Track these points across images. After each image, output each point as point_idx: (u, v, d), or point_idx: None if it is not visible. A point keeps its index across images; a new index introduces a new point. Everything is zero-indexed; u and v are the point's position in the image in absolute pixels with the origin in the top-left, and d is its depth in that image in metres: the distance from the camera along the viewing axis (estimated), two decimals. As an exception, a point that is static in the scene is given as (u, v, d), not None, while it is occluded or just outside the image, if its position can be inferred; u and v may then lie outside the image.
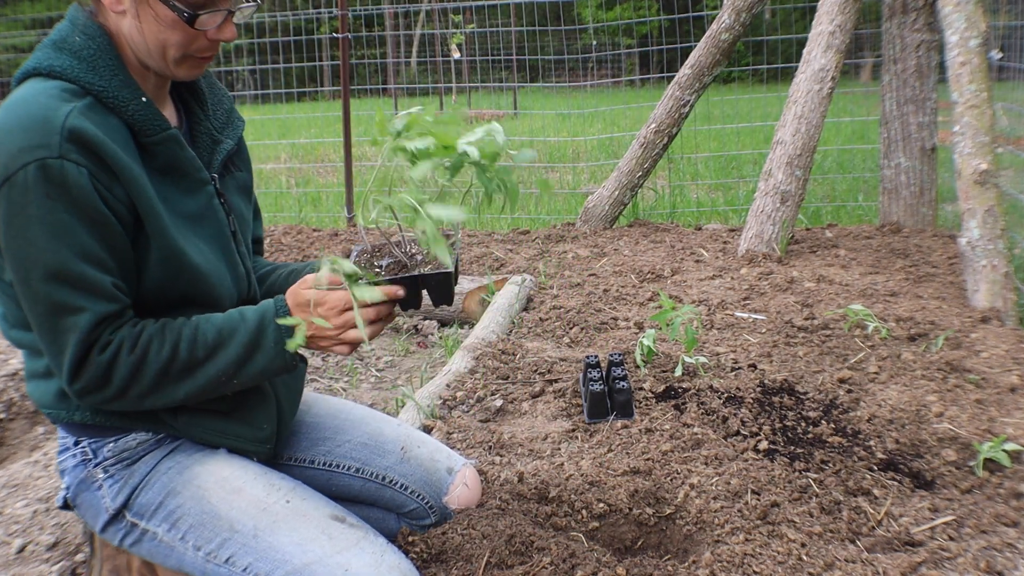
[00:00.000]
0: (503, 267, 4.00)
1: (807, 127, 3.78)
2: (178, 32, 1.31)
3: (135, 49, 1.32)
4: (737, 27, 4.35)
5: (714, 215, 5.35)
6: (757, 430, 1.96)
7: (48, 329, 1.22)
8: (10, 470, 2.08)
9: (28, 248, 1.18)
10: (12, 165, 1.16)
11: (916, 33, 4.01)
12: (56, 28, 1.34)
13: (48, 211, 1.18)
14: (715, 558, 1.44)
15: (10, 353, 2.94)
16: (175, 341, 1.27)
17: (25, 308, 1.23)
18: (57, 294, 1.20)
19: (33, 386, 1.37)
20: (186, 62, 1.35)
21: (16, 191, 1.17)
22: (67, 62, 1.27)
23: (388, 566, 1.28)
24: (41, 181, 1.17)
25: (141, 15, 1.30)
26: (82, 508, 1.38)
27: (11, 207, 1.17)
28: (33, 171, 1.16)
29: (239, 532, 1.30)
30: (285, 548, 1.28)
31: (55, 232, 1.18)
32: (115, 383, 1.24)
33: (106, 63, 1.30)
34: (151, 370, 1.25)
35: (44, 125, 1.18)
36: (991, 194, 3.00)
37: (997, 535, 1.51)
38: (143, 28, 1.30)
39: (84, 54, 1.29)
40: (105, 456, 1.36)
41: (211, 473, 1.35)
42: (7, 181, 1.17)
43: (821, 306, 2.91)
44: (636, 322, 2.92)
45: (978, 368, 2.24)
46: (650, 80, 7.18)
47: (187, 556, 1.32)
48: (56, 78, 1.26)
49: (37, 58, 1.29)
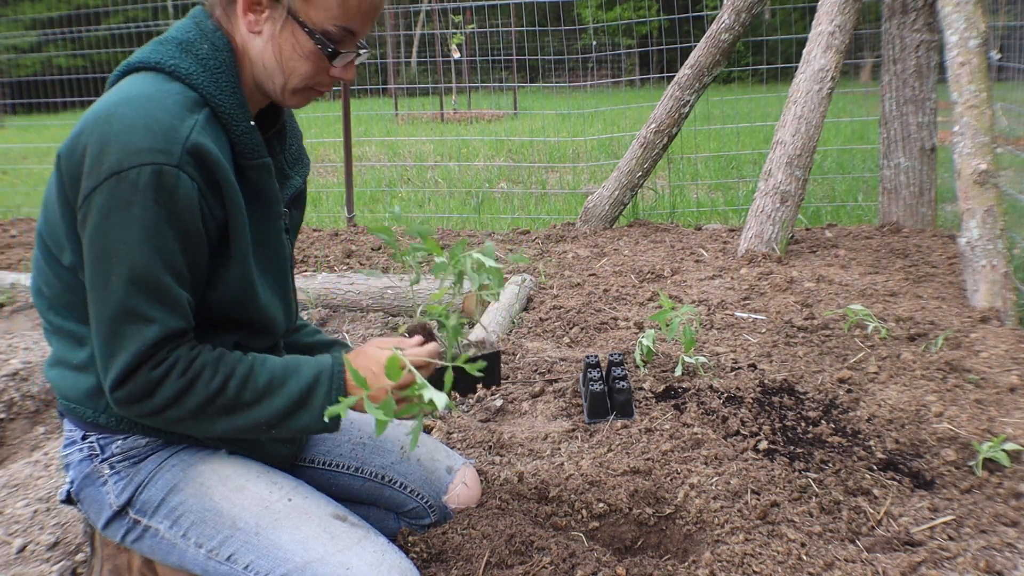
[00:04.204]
0: (503, 267, 4.00)
1: (807, 127, 3.78)
2: (311, 64, 1.32)
3: (257, 70, 1.33)
4: (737, 27, 4.35)
5: (714, 215, 5.35)
6: (757, 430, 1.96)
7: (109, 330, 1.20)
8: (10, 470, 2.08)
9: (119, 245, 1.17)
10: (127, 162, 1.15)
11: (916, 33, 4.01)
12: (178, 27, 1.32)
13: (151, 216, 1.17)
14: (715, 558, 1.45)
15: (10, 353, 2.94)
16: (227, 376, 1.26)
17: (91, 300, 1.21)
18: (133, 299, 1.19)
19: (59, 375, 1.35)
20: (302, 93, 1.36)
21: (124, 187, 1.15)
22: (192, 68, 1.27)
23: (389, 565, 1.28)
24: (153, 186, 1.16)
25: (279, 40, 1.30)
26: (85, 503, 1.38)
27: (114, 201, 1.16)
28: (148, 173, 1.16)
29: (241, 529, 1.30)
30: (287, 546, 1.28)
31: (151, 238, 1.18)
32: (156, 400, 1.23)
33: (228, 78, 1.30)
34: (195, 399, 1.24)
35: (168, 132, 1.18)
36: (991, 194, 3.00)
37: (997, 535, 1.51)
38: (276, 52, 1.30)
39: (210, 64, 1.28)
40: (113, 452, 1.35)
41: (214, 471, 1.35)
42: (118, 175, 1.15)
43: (821, 306, 2.91)
44: (636, 322, 2.92)
45: (978, 368, 2.25)
46: (650, 80, 7.18)
47: (188, 553, 1.32)
48: (179, 80, 1.26)
49: (161, 53, 1.28)
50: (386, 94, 12.34)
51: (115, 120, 1.17)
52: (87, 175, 1.17)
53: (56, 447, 2.24)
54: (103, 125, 1.18)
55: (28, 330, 3.53)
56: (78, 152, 1.19)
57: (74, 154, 1.19)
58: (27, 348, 3.02)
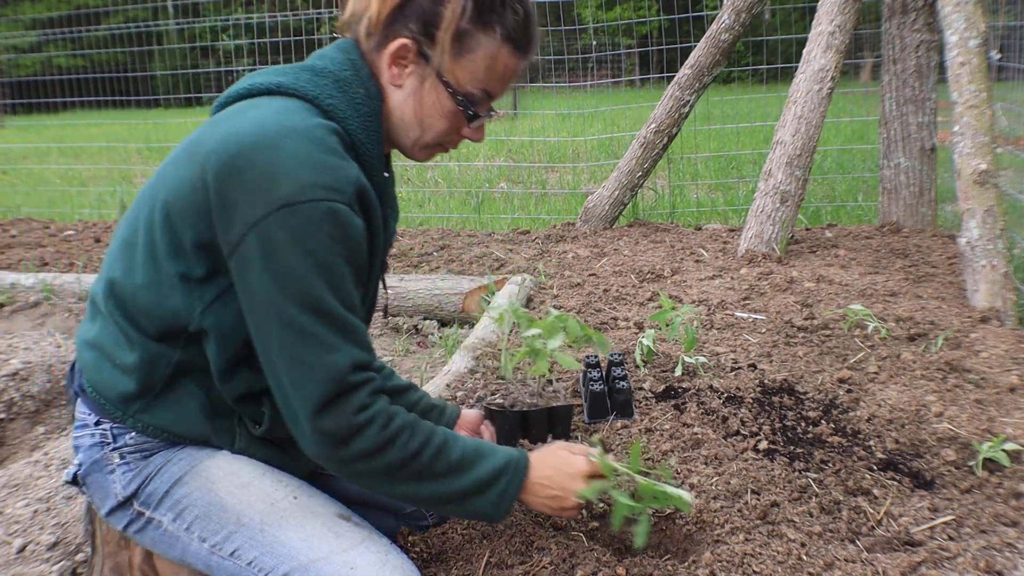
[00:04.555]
0: (503, 267, 4.00)
1: (807, 127, 3.78)
2: (448, 122, 1.34)
3: (394, 121, 1.35)
4: (737, 27, 4.35)
5: (714, 215, 5.35)
6: (757, 430, 1.96)
7: (293, 357, 1.19)
8: (10, 470, 2.08)
9: (294, 276, 1.17)
10: (301, 195, 1.15)
11: (916, 33, 4.01)
12: (333, 60, 1.32)
13: (327, 251, 1.18)
14: (715, 558, 1.45)
15: (10, 353, 2.94)
16: (423, 442, 1.26)
17: (266, 331, 1.20)
18: (314, 326, 1.18)
19: (97, 363, 1.33)
20: (431, 148, 1.39)
21: (299, 220, 1.16)
22: (348, 112, 1.29)
23: (392, 566, 1.28)
24: (329, 222, 1.17)
25: (421, 96, 1.32)
26: (91, 488, 1.37)
27: (287, 232, 1.16)
28: (324, 209, 1.16)
29: (246, 525, 1.30)
30: (292, 544, 1.28)
31: (327, 271, 1.18)
32: (352, 449, 1.22)
33: (376, 128, 1.32)
34: (390, 458, 1.24)
35: (339, 173, 1.19)
36: (991, 194, 3.00)
37: (997, 535, 1.51)
38: (416, 108, 1.33)
39: (363, 111, 1.30)
40: (126, 443, 1.34)
41: (220, 466, 1.35)
42: (290, 207, 1.15)
43: (821, 306, 2.91)
44: (636, 322, 2.92)
45: (978, 368, 2.25)
46: (650, 80, 7.17)
47: (191, 547, 1.32)
48: (332, 119, 1.27)
49: (318, 87, 1.28)
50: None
51: (282, 151, 1.17)
52: (250, 200, 1.16)
53: (56, 447, 2.24)
54: (269, 153, 1.17)
55: (28, 330, 3.53)
56: (235, 173, 1.17)
57: (231, 174, 1.17)
58: (27, 348, 3.02)
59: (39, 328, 3.62)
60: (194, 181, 1.21)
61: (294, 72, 1.31)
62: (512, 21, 1.30)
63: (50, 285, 3.89)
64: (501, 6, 1.29)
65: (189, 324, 1.28)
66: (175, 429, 1.34)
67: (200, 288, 1.26)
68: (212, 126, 1.28)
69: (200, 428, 1.35)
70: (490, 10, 1.28)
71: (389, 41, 1.30)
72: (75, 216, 6.32)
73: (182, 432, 1.35)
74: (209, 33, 10.89)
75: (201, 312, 1.27)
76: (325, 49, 1.36)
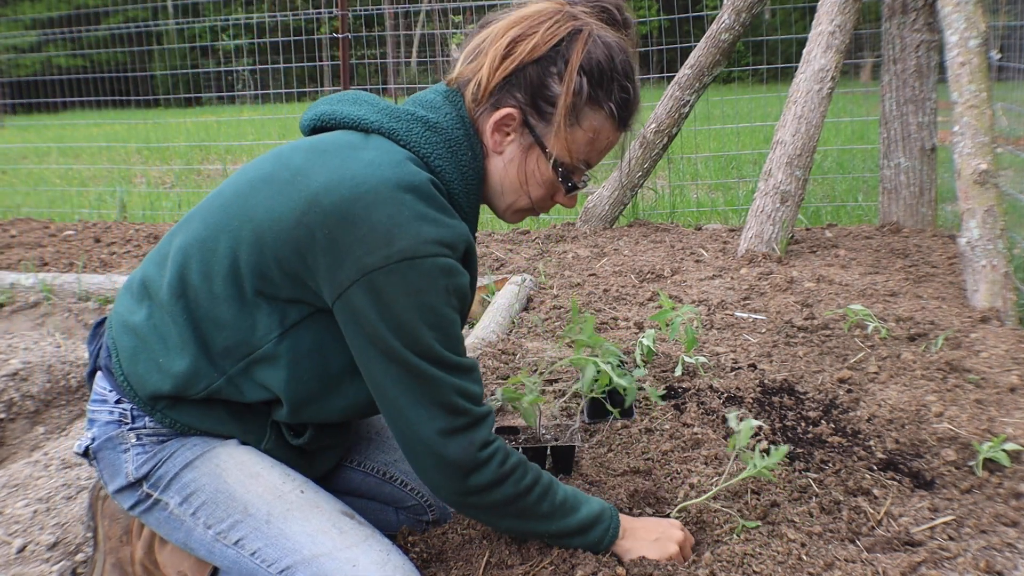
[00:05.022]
0: (503, 267, 4.00)
1: (807, 127, 3.78)
2: (544, 190, 1.37)
3: (491, 184, 1.37)
4: (737, 27, 4.35)
5: (714, 215, 5.35)
6: (757, 430, 1.96)
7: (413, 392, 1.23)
8: (10, 470, 2.08)
9: (410, 328, 1.19)
10: (422, 250, 1.18)
11: (916, 33, 4.01)
12: (446, 115, 1.32)
13: (442, 303, 1.21)
14: (715, 558, 1.44)
15: (10, 353, 2.95)
16: (534, 481, 1.31)
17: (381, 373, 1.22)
18: (431, 370, 1.22)
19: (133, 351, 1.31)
20: (523, 212, 1.42)
21: (418, 273, 1.18)
22: (453, 175, 1.31)
23: (394, 566, 1.28)
24: (444, 276, 1.20)
25: (522, 163, 1.35)
26: (102, 463, 1.36)
27: (407, 285, 1.18)
28: (441, 264, 1.20)
29: (252, 516, 1.30)
30: (296, 537, 1.28)
31: (440, 322, 1.22)
32: (472, 481, 1.26)
33: (476, 192, 1.35)
34: (504, 493, 1.28)
35: (456, 231, 1.23)
36: (991, 194, 3.00)
37: (997, 535, 1.51)
38: (516, 174, 1.35)
39: (467, 173, 1.32)
40: (145, 424, 1.34)
41: (231, 455, 1.35)
42: (411, 260, 1.18)
43: (821, 306, 2.91)
44: (636, 322, 2.92)
45: (978, 368, 2.24)
46: (650, 80, 7.16)
47: (195, 532, 1.32)
48: (437, 175, 1.29)
49: (430, 144, 1.29)
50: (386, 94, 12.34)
51: (405, 206, 1.19)
52: (366, 248, 1.17)
53: (56, 447, 2.24)
54: (393, 206, 1.18)
55: (28, 330, 3.53)
56: (352, 219, 1.17)
57: (347, 219, 1.18)
58: (27, 348, 3.02)
59: (39, 328, 3.61)
60: (297, 215, 1.21)
61: (407, 120, 1.31)
62: (620, 99, 1.33)
63: (50, 285, 3.89)
64: (611, 85, 1.32)
65: (260, 346, 1.27)
66: (201, 427, 1.34)
67: (282, 310, 1.26)
68: (320, 156, 1.26)
69: (227, 428, 1.36)
70: (601, 88, 1.31)
71: (496, 108, 1.32)
72: (75, 216, 6.32)
73: (207, 430, 1.35)
74: (209, 33, 10.90)
75: (279, 335, 1.27)
76: (434, 97, 1.35)
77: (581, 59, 1.29)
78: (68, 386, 2.88)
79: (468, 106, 1.34)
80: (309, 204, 1.20)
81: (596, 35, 1.31)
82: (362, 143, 1.27)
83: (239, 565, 1.29)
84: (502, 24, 1.32)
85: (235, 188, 1.31)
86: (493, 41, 1.31)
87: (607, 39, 1.31)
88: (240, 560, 1.29)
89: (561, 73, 1.29)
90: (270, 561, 1.27)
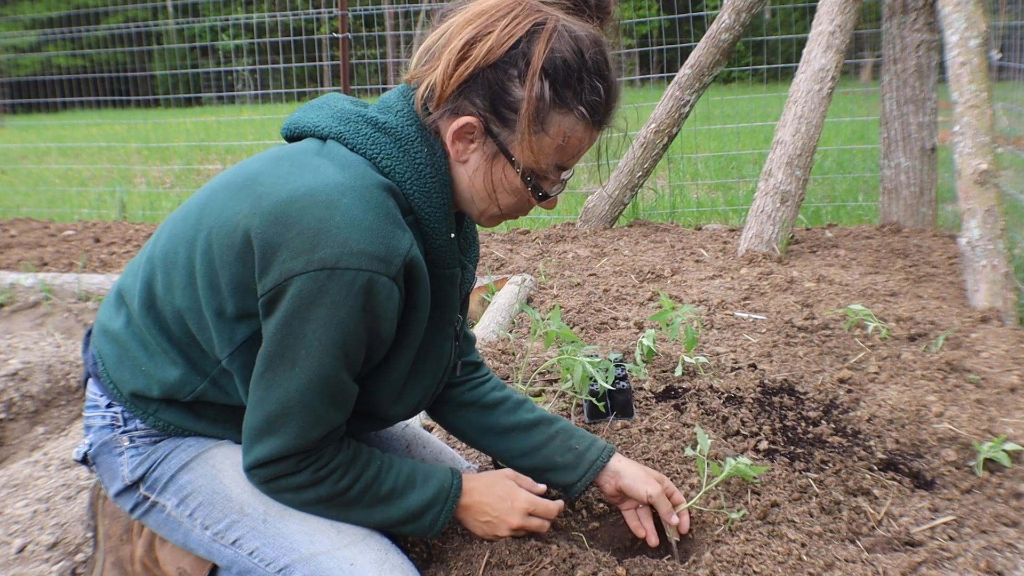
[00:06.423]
0: (503, 267, 4.00)
1: (807, 127, 3.78)
2: (516, 198, 1.29)
3: (461, 191, 1.29)
4: (737, 27, 4.35)
5: (714, 215, 5.35)
6: (757, 430, 1.96)
7: (276, 412, 1.19)
8: (10, 470, 2.08)
9: (312, 341, 1.15)
10: (347, 262, 1.11)
11: (916, 33, 4.01)
12: (398, 113, 1.25)
13: (354, 322, 1.14)
14: (715, 558, 1.44)
15: (10, 353, 2.94)
16: (354, 479, 1.29)
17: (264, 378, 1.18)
18: (310, 396, 1.18)
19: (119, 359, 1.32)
20: (498, 218, 1.34)
21: (336, 285, 1.12)
22: (408, 175, 1.23)
23: (392, 565, 1.28)
24: (364, 293, 1.13)
25: (487, 172, 1.26)
26: (100, 468, 1.38)
27: (321, 295, 1.12)
28: (364, 280, 1.12)
29: (249, 515, 1.30)
30: (294, 536, 1.28)
31: (346, 342, 1.16)
32: (281, 483, 1.26)
33: (438, 190, 1.25)
34: (318, 492, 1.27)
35: (390, 241, 1.14)
36: (991, 194, 3.00)
37: (997, 535, 1.51)
38: (482, 183, 1.27)
39: (424, 172, 1.24)
40: (136, 427, 1.35)
41: (226, 455, 1.35)
42: (331, 270, 1.11)
43: (821, 306, 2.91)
44: (636, 322, 2.92)
45: (978, 368, 2.24)
46: (650, 80, 7.17)
47: (193, 533, 1.32)
48: (389, 178, 1.22)
49: (378, 145, 1.23)
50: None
51: (338, 211, 1.12)
52: (292, 252, 1.12)
53: (56, 447, 2.24)
54: (323, 210, 1.12)
55: (28, 330, 3.53)
56: (284, 221, 1.13)
57: (279, 221, 1.13)
58: (27, 348, 3.02)
59: (39, 328, 3.61)
60: (239, 219, 1.17)
61: (356, 123, 1.25)
62: (591, 101, 1.22)
63: (49, 285, 3.89)
64: (580, 85, 1.20)
65: (220, 359, 1.27)
66: (194, 428, 1.35)
67: (231, 328, 1.23)
68: (274, 163, 1.22)
69: (219, 429, 1.36)
70: (569, 89, 1.19)
71: (455, 116, 1.22)
72: (74, 216, 6.32)
73: (198, 431, 1.35)
74: (209, 33, 10.90)
75: (230, 354, 1.24)
76: (391, 96, 1.28)
77: (543, 59, 1.16)
78: (68, 386, 2.88)
79: (420, 111, 1.25)
80: (251, 207, 1.16)
81: (562, 28, 1.18)
82: (317, 150, 1.23)
83: (238, 564, 1.30)
84: (458, 22, 1.20)
85: (200, 197, 1.29)
86: (447, 43, 1.20)
87: (575, 32, 1.19)
88: (238, 560, 1.29)
89: (523, 75, 1.17)
90: (268, 560, 1.27)
